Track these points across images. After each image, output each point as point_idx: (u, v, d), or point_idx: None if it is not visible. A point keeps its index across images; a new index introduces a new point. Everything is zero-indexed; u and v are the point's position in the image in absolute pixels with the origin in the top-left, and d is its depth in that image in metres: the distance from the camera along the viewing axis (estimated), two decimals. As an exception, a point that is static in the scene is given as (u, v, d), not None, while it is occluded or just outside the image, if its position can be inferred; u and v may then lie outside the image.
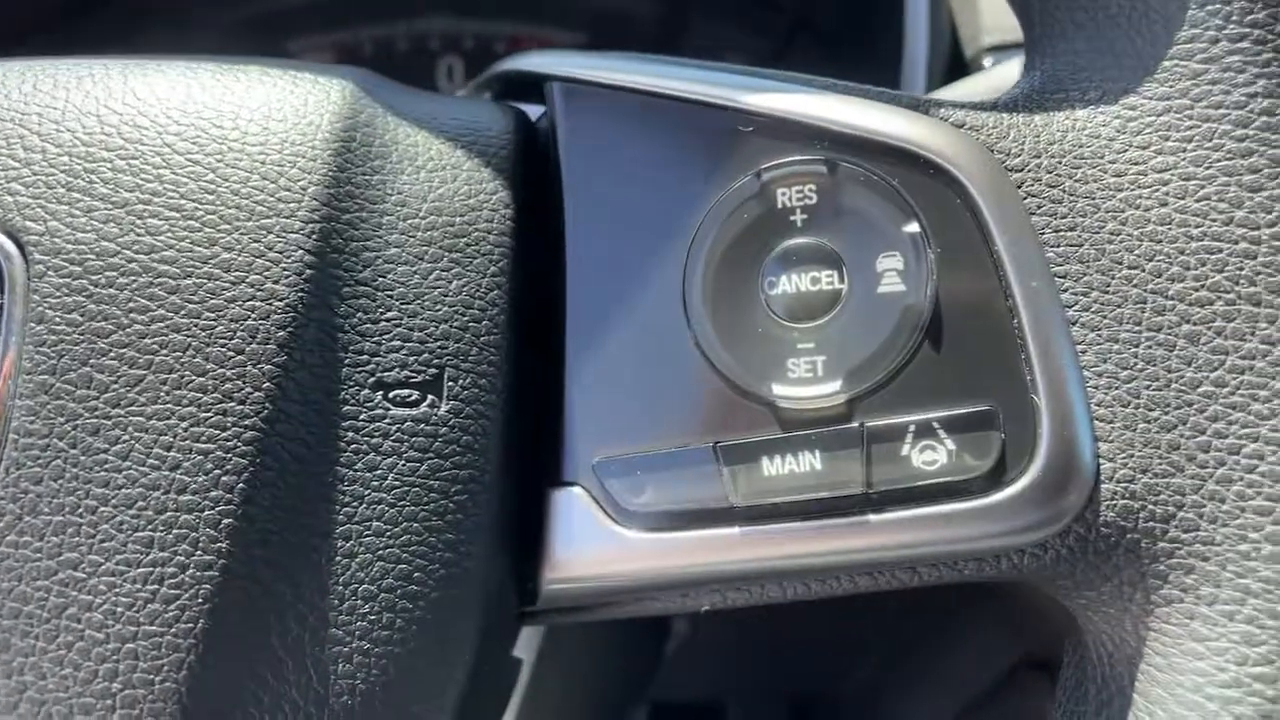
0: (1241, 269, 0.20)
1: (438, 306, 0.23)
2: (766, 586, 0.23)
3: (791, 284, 0.23)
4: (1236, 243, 0.20)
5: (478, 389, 0.23)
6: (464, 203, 0.24)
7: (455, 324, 0.23)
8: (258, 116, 0.22)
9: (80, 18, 0.60)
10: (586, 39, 0.67)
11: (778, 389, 0.22)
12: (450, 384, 0.22)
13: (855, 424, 0.22)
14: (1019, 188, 0.22)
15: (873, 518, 0.22)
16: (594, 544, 0.23)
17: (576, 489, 0.24)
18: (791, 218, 0.23)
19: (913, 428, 0.22)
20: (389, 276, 0.22)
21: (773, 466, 0.22)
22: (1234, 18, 0.20)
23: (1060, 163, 0.22)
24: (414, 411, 0.22)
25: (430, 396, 0.22)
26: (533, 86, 0.27)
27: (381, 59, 0.66)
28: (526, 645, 0.33)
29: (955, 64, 0.54)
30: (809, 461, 0.22)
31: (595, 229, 0.24)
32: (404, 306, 0.22)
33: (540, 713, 0.37)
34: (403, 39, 0.67)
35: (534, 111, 0.28)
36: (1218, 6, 0.21)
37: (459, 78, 0.66)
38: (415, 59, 0.67)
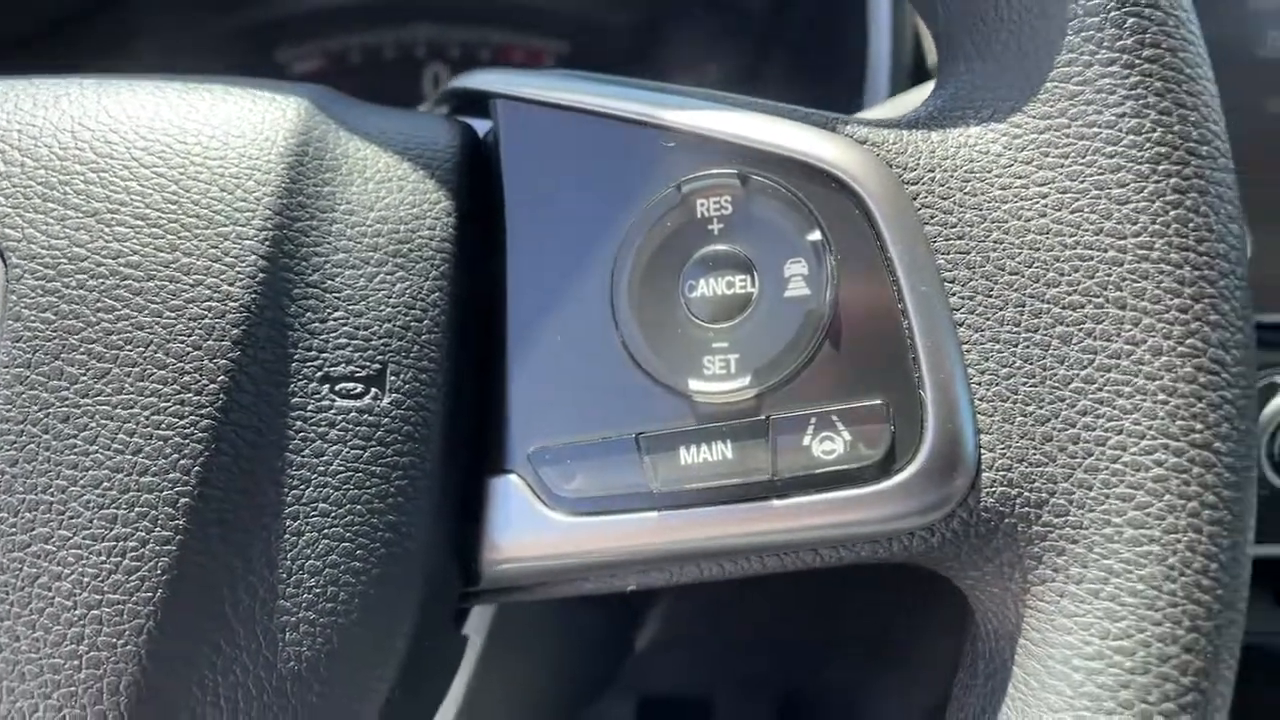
0: (1110, 275, 0.22)
1: (382, 307, 0.25)
2: (685, 567, 0.25)
3: (709, 288, 0.25)
4: (1105, 250, 0.22)
5: (418, 383, 0.25)
6: (409, 211, 0.26)
7: (398, 323, 0.25)
8: (218, 133, 0.25)
9: (75, 27, 0.62)
10: (568, 47, 0.69)
11: (694, 384, 0.24)
12: (392, 378, 0.24)
13: (762, 416, 0.24)
14: (914, 199, 0.24)
15: (777, 503, 0.23)
16: (528, 527, 0.25)
17: (513, 476, 0.26)
18: (709, 226, 0.25)
19: (813, 420, 0.23)
20: (337, 279, 0.24)
21: (689, 455, 0.24)
22: (1105, 44, 0.22)
23: (952, 176, 0.24)
24: (358, 403, 0.24)
25: (374, 390, 0.24)
26: (483, 102, 0.29)
27: (369, 67, 0.68)
28: (479, 627, 0.35)
29: (919, 71, 0.55)
30: (721, 451, 0.24)
31: (533, 236, 0.26)
32: (350, 307, 0.24)
33: (494, 697, 0.39)
34: (390, 47, 0.69)
35: (487, 126, 0.30)
36: (1090, 33, 0.22)
37: (444, 85, 0.68)
38: (402, 67, 0.69)
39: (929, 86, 0.28)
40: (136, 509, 0.22)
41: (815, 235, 0.24)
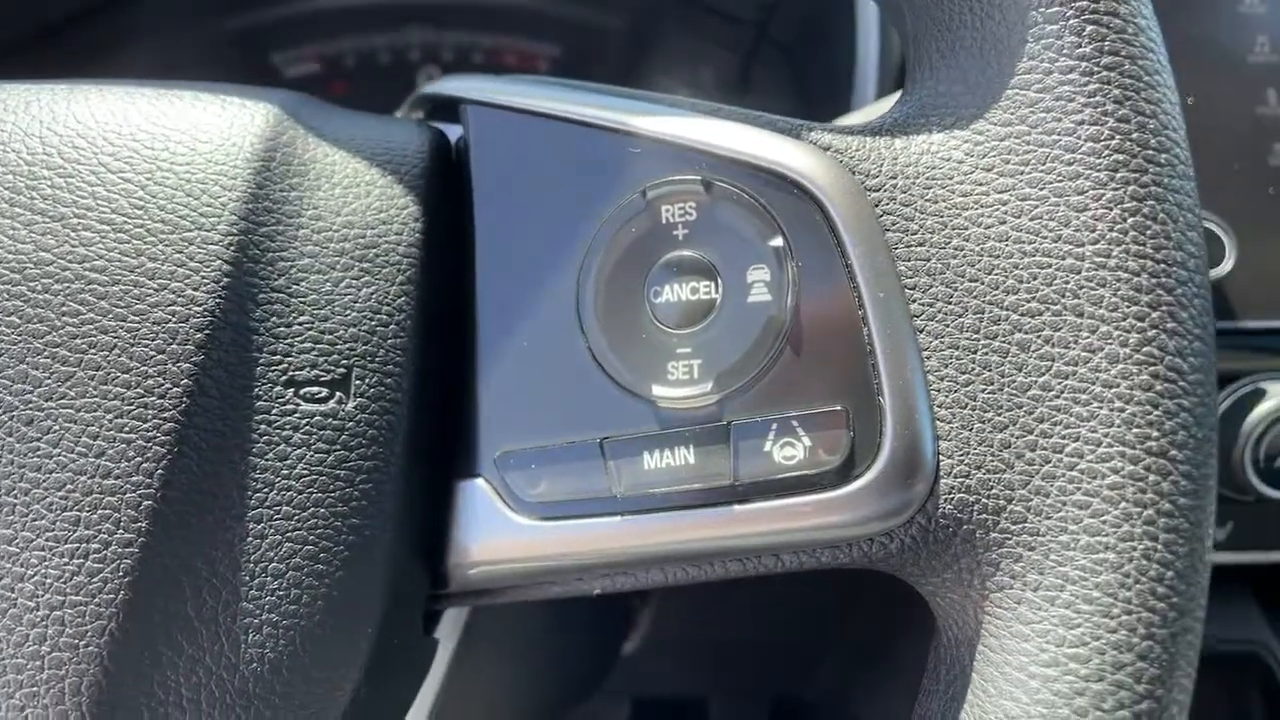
0: (1067, 283, 0.22)
1: (347, 311, 0.25)
2: (649, 571, 0.25)
3: (674, 293, 0.25)
4: (1063, 258, 0.22)
5: (383, 387, 0.25)
6: (375, 216, 0.26)
7: (363, 328, 0.25)
8: (186, 138, 0.25)
9: (71, 32, 0.62)
10: (561, 51, 0.70)
11: (657, 390, 0.24)
12: (357, 382, 0.25)
13: (724, 422, 0.24)
14: (875, 206, 0.24)
15: (738, 508, 0.24)
16: (494, 531, 0.26)
17: (480, 481, 0.26)
18: (674, 232, 0.25)
19: (774, 425, 0.23)
20: (302, 284, 0.25)
21: (652, 461, 0.24)
22: (1064, 51, 0.22)
23: (914, 183, 0.24)
24: (322, 407, 0.24)
25: (338, 394, 0.24)
26: (456, 108, 0.29)
27: (363, 70, 0.69)
28: (453, 630, 0.35)
29: (905, 78, 0.55)
30: (684, 456, 0.24)
31: (502, 241, 0.27)
32: (315, 311, 0.24)
33: (472, 698, 0.39)
34: (384, 51, 0.69)
35: (459, 131, 0.30)
36: (1050, 41, 0.22)
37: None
38: (396, 70, 0.69)
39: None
40: (99, 511, 0.22)
41: (777, 241, 0.24)
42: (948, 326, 0.23)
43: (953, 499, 0.22)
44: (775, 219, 0.24)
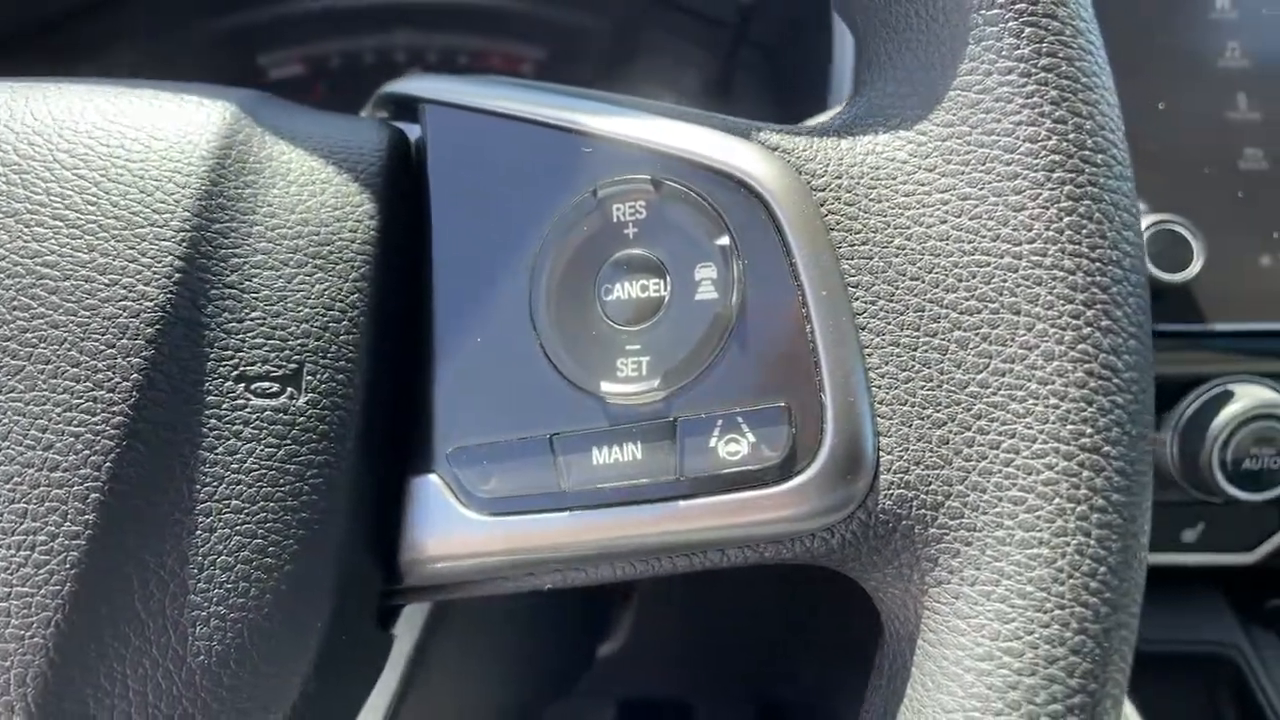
0: (1005, 281, 0.22)
1: (300, 308, 0.25)
2: (599, 566, 0.26)
3: (624, 291, 0.25)
4: (1001, 257, 0.22)
5: (335, 383, 0.25)
6: (330, 213, 0.26)
7: (316, 324, 0.25)
8: (142, 135, 0.25)
9: (59, 32, 0.63)
10: (545, 53, 0.70)
11: (606, 386, 0.25)
12: (309, 378, 0.25)
13: (671, 418, 0.24)
14: (821, 206, 0.24)
15: (682, 504, 0.24)
16: (445, 527, 0.26)
17: (433, 476, 0.26)
18: (625, 230, 0.25)
19: (720, 422, 0.24)
20: (255, 280, 0.25)
21: (600, 456, 0.24)
22: (1003, 53, 0.22)
23: (859, 183, 0.24)
24: (273, 402, 0.24)
25: (290, 389, 0.25)
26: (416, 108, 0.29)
27: (348, 72, 0.69)
28: (414, 626, 0.35)
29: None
30: (631, 452, 0.24)
31: (457, 239, 0.27)
32: (268, 307, 0.25)
33: (438, 695, 0.39)
34: (369, 53, 0.70)
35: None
36: (990, 43, 0.23)
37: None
38: (381, 72, 0.70)
39: None
40: (46, 504, 0.22)
41: (724, 240, 0.24)
42: (889, 324, 0.23)
43: (892, 494, 0.23)
44: (722, 218, 0.24)
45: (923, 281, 0.23)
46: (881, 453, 0.23)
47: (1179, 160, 0.47)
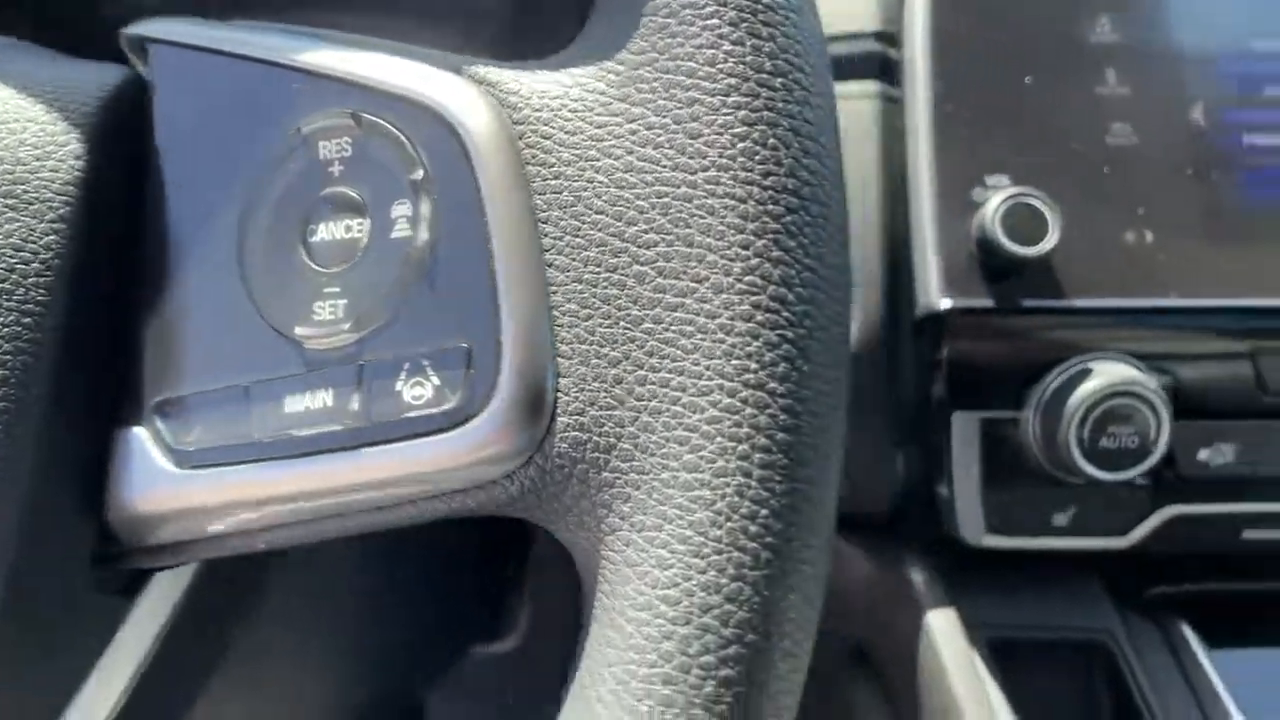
0: (681, 211, 0.21)
1: None
2: (307, 525, 0.24)
3: (328, 232, 0.24)
4: (678, 186, 0.21)
5: (20, 327, 0.24)
6: (29, 152, 0.25)
7: (2, 264, 0.24)
8: None
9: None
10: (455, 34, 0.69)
11: (299, 330, 0.24)
12: None
13: (360, 362, 0.23)
14: (520, 139, 0.23)
15: (367, 451, 0.23)
16: (149, 482, 0.25)
17: (139, 429, 0.25)
18: (330, 169, 0.24)
19: (406, 365, 0.23)
20: None
21: (293, 404, 0.23)
22: None
23: (556, 116, 0.23)
24: None
25: (-28, 331, 0.24)
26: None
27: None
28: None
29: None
30: (323, 399, 0.23)
31: (172, 182, 0.26)
32: None
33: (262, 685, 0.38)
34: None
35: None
36: None
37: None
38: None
39: None
40: None
41: (417, 175, 0.23)
42: (574, 260, 0.22)
43: (568, 437, 0.21)
44: (418, 153, 0.23)
45: (607, 215, 0.22)
46: (560, 394, 0.22)
47: (1046, 135, 0.46)
